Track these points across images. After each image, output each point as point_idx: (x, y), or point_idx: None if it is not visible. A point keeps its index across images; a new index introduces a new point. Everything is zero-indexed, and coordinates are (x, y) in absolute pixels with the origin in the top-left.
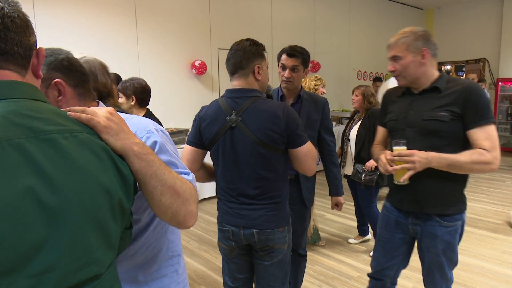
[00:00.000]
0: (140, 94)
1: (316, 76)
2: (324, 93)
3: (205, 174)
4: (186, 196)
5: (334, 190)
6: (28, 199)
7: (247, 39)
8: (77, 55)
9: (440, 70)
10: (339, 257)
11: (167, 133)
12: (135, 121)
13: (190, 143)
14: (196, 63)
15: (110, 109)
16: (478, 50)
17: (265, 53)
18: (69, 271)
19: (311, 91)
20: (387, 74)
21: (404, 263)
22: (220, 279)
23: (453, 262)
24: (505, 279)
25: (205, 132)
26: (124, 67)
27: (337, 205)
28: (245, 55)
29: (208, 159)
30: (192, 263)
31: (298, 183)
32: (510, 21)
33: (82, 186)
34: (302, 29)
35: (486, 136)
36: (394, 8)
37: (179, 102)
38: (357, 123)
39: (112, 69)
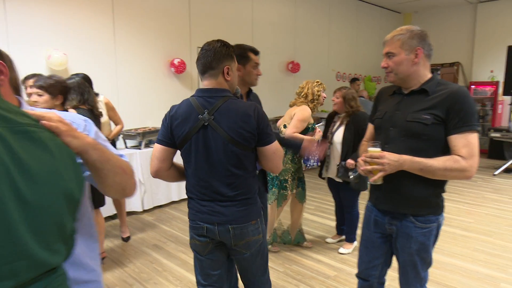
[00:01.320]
0: (66, 93)
1: (318, 81)
2: (325, 97)
3: (175, 173)
4: (130, 172)
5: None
6: (4, 182)
7: (218, 40)
8: (52, 52)
9: (433, 72)
10: (316, 257)
11: None
12: (67, 113)
13: (160, 142)
14: (175, 62)
15: (54, 111)
16: (452, 54)
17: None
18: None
19: (314, 97)
20: (365, 76)
21: (388, 262)
22: None
23: (427, 263)
24: (476, 276)
25: (177, 131)
26: (100, 65)
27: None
28: (215, 56)
29: (177, 159)
30: (168, 265)
31: (264, 177)
32: (483, 26)
33: (52, 181)
34: (283, 29)
35: (465, 144)
36: (373, 11)
37: (157, 101)
38: (340, 126)
39: (89, 67)
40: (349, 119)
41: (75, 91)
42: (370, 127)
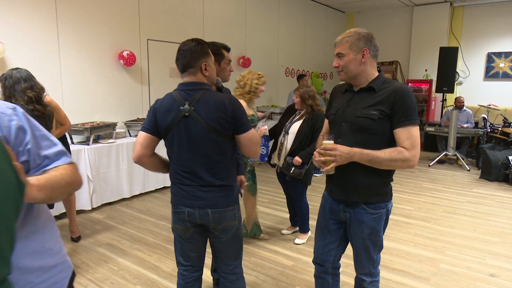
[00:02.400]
0: None
1: (259, 74)
2: (263, 91)
3: (156, 161)
4: (73, 178)
5: (241, 170)
6: None
7: (193, 39)
8: None
9: (379, 71)
10: (273, 248)
11: None
12: None
13: (145, 130)
14: (124, 54)
15: None
16: (391, 53)
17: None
18: None
19: (251, 89)
20: (312, 73)
21: (341, 247)
22: (156, 277)
23: (378, 246)
24: (418, 259)
25: (160, 122)
26: (42, 55)
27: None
28: (192, 55)
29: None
30: (125, 263)
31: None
32: (418, 28)
33: (3, 185)
34: (234, 25)
35: (408, 136)
36: (319, 10)
37: (105, 94)
38: (299, 119)
39: (29, 58)
40: (308, 116)
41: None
42: (326, 122)
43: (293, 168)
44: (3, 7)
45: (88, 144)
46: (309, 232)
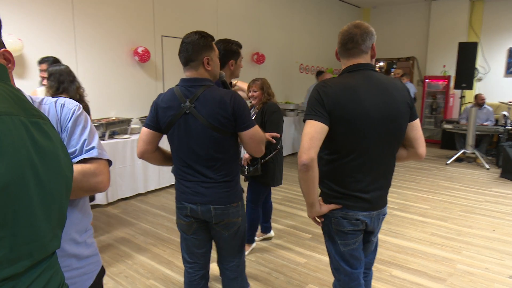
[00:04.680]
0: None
1: None
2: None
3: (160, 156)
4: (76, 185)
5: None
6: (29, 171)
7: (196, 32)
8: (5, 37)
9: (360, 67)
10: (286, 245)
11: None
12: (60, 98)
13: (147, 125)
14: (139, 50)
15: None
16: (408, 48)
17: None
18: (45, 242)
19: None
20: (327, 69)
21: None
22: (169, 272)
23: (331, 259)
24: (434, 259)
25: (162, 118)
26: (59, 52)
27: None
28: (194, 49)
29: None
30: (139, 257)
31: None
32: (436, 23)
33: (57, 167)
34: (248, 21)
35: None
36: (334, 5)
37: (120, 90)
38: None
39: (46, 54)
40: (261, 108)
41: (54, 79)
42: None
43: (246, 168)
44: (21, 4)
45: (104, 140)
46: (254, 244)
